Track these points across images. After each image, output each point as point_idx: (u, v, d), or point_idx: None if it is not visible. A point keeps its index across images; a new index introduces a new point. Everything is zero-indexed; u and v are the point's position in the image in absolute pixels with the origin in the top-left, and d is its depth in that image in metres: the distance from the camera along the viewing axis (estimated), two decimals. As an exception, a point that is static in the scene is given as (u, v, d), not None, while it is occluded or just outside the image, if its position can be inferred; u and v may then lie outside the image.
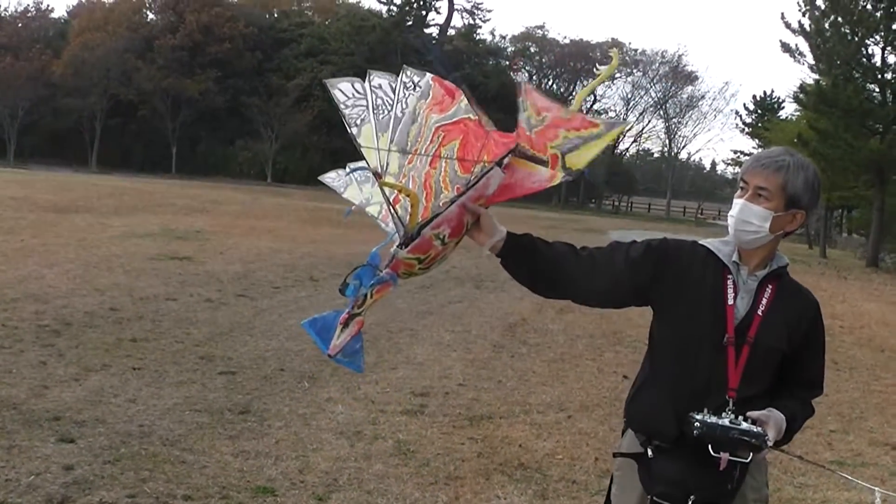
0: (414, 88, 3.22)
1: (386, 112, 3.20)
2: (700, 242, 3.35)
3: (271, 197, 44.78)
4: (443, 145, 3.05)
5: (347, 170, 3.48)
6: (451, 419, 7.95)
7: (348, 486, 6.12)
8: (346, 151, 3.52)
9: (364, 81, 3.32)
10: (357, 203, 3.26)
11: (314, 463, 6.51)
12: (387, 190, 2.96)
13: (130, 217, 25.80)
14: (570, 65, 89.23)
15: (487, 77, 76.96)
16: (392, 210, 2.93)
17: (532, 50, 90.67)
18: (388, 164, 3.08)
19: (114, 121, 74.39)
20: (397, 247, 2.95)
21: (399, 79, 3.28)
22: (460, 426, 7.77)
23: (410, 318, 12.59)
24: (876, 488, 3.18)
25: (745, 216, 3.16)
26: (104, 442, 6.55)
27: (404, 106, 3.18)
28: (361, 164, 3.39)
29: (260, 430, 7.20)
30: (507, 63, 79.76)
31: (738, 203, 3.20)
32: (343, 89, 3.30)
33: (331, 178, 3.56)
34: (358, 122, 3.20)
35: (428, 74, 3.25)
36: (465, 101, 3.13)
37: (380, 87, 3.28)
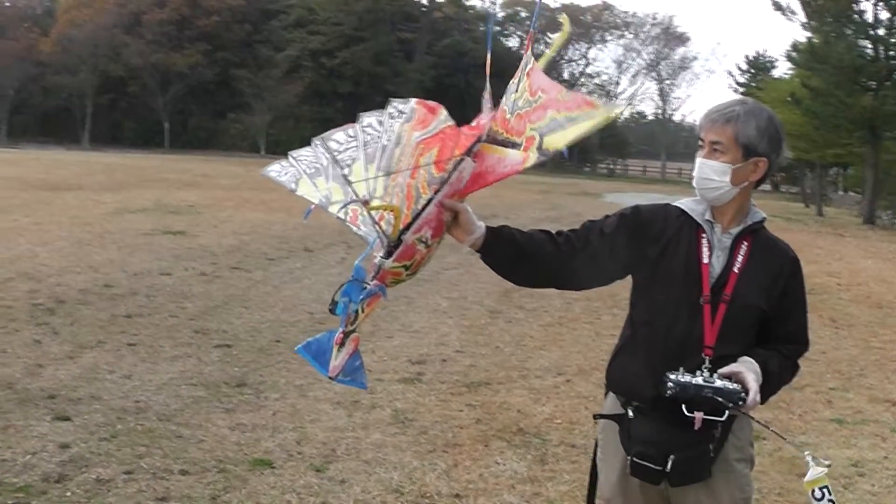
0: (399, 116, 3.16)
1: (374, 145, 3.14)
2: (673, 203, 3.32)
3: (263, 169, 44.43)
4: (422, 156, 2.99)
5: (290, 160, 3.36)
6: (449, 386, 7.92)
7: (346, 457, 6.09)
8: (337, 121, 3.47)
9: (355, 125, 3.25)
10: (316, 202, 3.16)
11: (312, 434, 6.48)
12: (373, 212, 2.90)
13: (123, 193, 25.69)
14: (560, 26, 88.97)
15: (477, 43, 76.77)
16: (378, 227, 2.87)
17: (522, 14, 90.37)
18: (375, 189, 3.02)
19: (104, 98, 74.24)
20: (381, 257, 2.87)
21: (386, 111, 3.22)
22: (458, 393, 7.74)
23: (406, 285, 12.43)
24: (807, 452, 3.14)
25: (705, 173, 3.14)
26: (100, 419, 6.52)
27: (390, 134, 3.12)
28: (303, 151, 3.31)
29: (256, 402, 7.17)
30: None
31: (697, 161, 3.18)
32: (336, 138, 3.23)
33: (276, 170, 3.35)
34: (349, 162, 3.13)
35: (412, 100, 3.19)
36: (445, 113, 3.07)
37: (369, 125, 3.21)
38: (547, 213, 27.08)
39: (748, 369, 3.05)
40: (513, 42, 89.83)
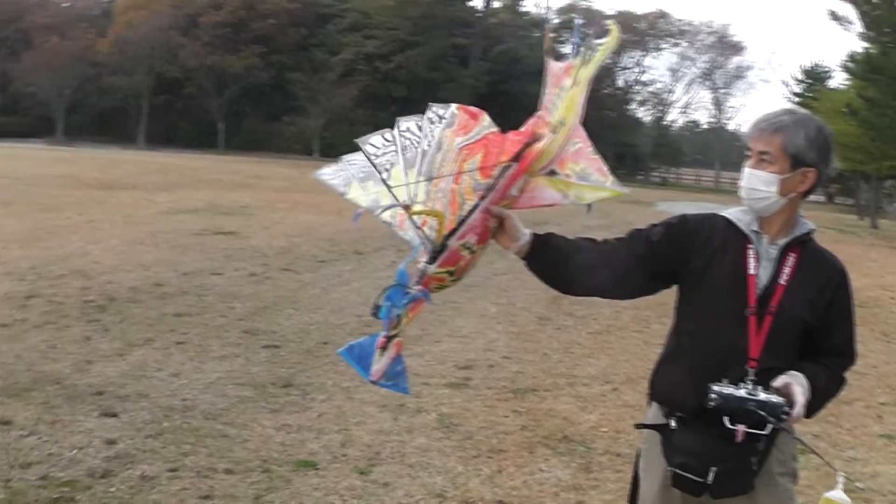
0: (440, 121, 3.19)
1: (413, 150, 3.15)
2: (720, 213, 3.30)
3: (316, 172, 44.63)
4: (465, 161, 3.02)
5: (343, 163, 3.37)
6: (495, 392, 7.90)
7: (390, 460, 6.09)
8: (391, 125, 3.50)
9: (393, 129, 3.27)
10: (365, 206, 3.17)
11: (356, 436, 6.49)
12: (415, 217, 2.92)
13: (176, 193, 25.86)
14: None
15: (532, 49, 76.56)
16: (421, 232, 2.92)
17: (577, 21, 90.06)
18: (416, 194, 3.04)
19: (160, 98, 74.78)
20: (425, 263, 2.91)
21: (425, 116, 3.23)
22: (504, 399, 7.71)
23: (455, 290, 12.46)
24: (840, 472, 3.14)
25: (752, 184, 3.12)
26: (146, 416, 6.56)
27: (430, 139, 3.15)
28: (355, 155, 3.32)
29: (302, 403, 7.18)
30: (546, 36, 79.09)
31: (744, 171, 3.16)
32: (373, 142, 3.26)
33: (328, 174, 3.40)
34: (388, 166, 3.15)
35: (453, 105, 3.21)
36: (488, 119, 3.11)
37: (407, 129, 3.25)
38: (598, 220, 26.95)
39: (797, 383, 3.02)
40: (567, 49, 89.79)
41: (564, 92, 3.00)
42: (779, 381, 3.01)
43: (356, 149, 3.30)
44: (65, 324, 9.10)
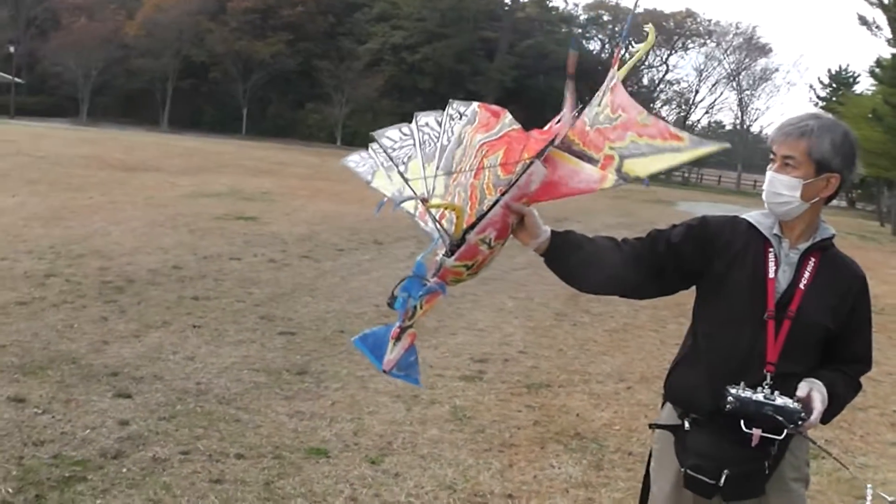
0: (460, 118, 3.16)
1: (432, 144, 3.14)
2: (741, 216, 3.28)
3: (339, 160, 44.58)
4: (486, 157, 2.99)
5: (370, 151, 3.36)
6: (509, 386, 7.89)
7: (402, 450, 6.08)
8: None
9: (411, 123, 3.25)
10: (389, 195, 3.16)
11: (369, 426, 6.49)
12: (433, 210, 2.91)
13: (199, 177, 25.95)
14: (644, 34, 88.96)
15: (560, 45, 76.46)
16: (438, 225, 2.88)
17: (605, 18, 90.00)
18: (434, 188, 3.02)
19: (185, 82, 75.19)
20: (443, 255, 2.88)
21: (445, 112, 3.21)
22: (518, 393, 7.70)
23: (473, 283, 12.42)
24: (868, 485, 3.12)
25: (775, 188, 3.09)
26: (160, 398, 6.58)
27: (450, 135, 3.13)
28: (386, 135, 3.30)
29: (316, 391, 7.19)
30: (580, 31, 78.82)
31: (768, 175, 3.13)
32: (390, 136, 3.24)
33: (354, 161, 3.40)
34: (405, 159, 3.14)
35: (474, 103, 3.18)
36: (510, 116, 3.05)
37: (426, 124, 3.23)
38: (619, 219, 26.89)
39: (816, 390, 3.02)
40: (594, 45, 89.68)
41: (647, 149, 2.61)
42: (802, 391, 3.00)
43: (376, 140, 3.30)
44: (82, 304, 9.15)
